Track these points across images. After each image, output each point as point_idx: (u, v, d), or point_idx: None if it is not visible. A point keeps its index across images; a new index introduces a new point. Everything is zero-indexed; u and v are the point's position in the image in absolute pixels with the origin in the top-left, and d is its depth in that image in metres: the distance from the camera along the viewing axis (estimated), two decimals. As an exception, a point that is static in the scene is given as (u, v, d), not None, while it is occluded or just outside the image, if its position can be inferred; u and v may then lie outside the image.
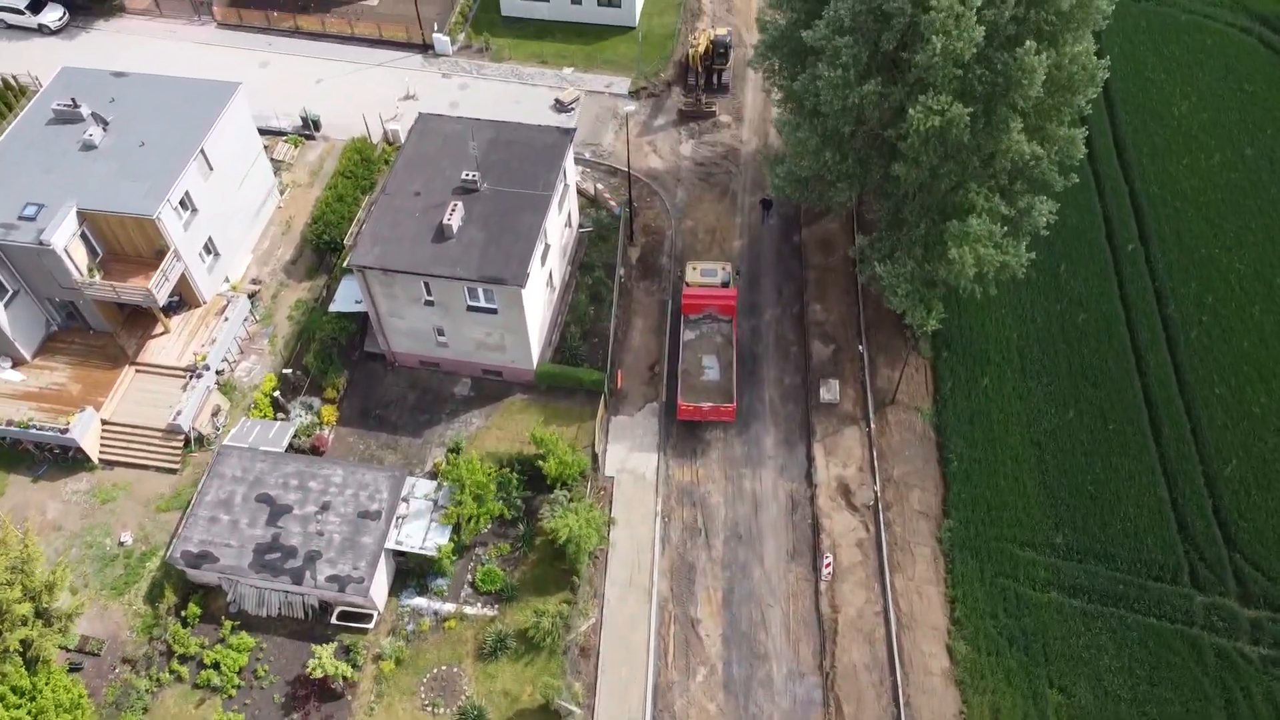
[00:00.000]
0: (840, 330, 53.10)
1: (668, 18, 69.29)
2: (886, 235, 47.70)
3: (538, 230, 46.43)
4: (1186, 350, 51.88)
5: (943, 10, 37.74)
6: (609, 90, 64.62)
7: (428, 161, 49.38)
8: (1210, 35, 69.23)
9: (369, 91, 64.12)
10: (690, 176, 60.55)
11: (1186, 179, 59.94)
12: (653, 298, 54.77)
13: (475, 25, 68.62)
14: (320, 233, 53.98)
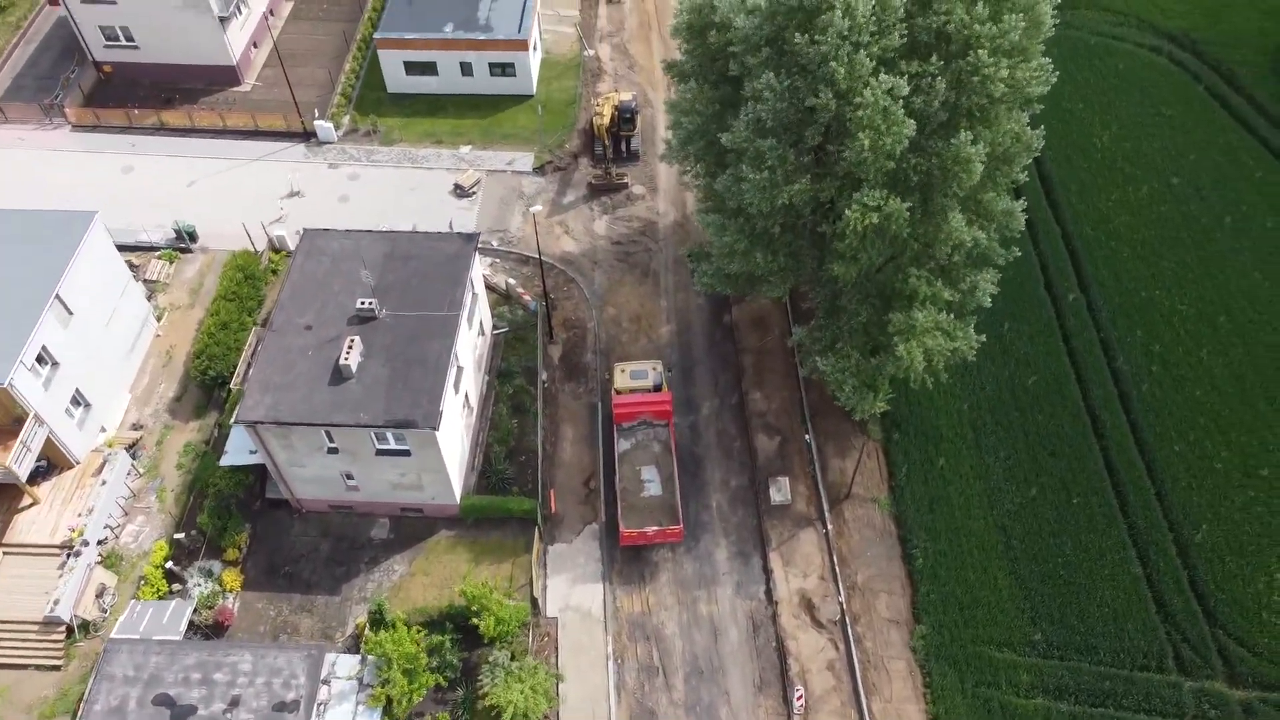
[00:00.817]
0: (784, 419, 49.68)
1: (567, 81, 65.17)
2: (826, 324, 44.39)
3: (447, 358, 41.93)
4: (1141, 406, 49.74)
5: (868, 106, 34.43)
6: (511, 168, 60.25)
7: (317, 286, 44.45)
8: (1121, 58, 67.87)
9: (249, 191, 58.63)
10: (608, 258, 56.56)
11: (1117, 215, 58.14)
12: (580, 401, 50.62)
13: (360, 106, 63.56)
14: (204, 368, 48.53)
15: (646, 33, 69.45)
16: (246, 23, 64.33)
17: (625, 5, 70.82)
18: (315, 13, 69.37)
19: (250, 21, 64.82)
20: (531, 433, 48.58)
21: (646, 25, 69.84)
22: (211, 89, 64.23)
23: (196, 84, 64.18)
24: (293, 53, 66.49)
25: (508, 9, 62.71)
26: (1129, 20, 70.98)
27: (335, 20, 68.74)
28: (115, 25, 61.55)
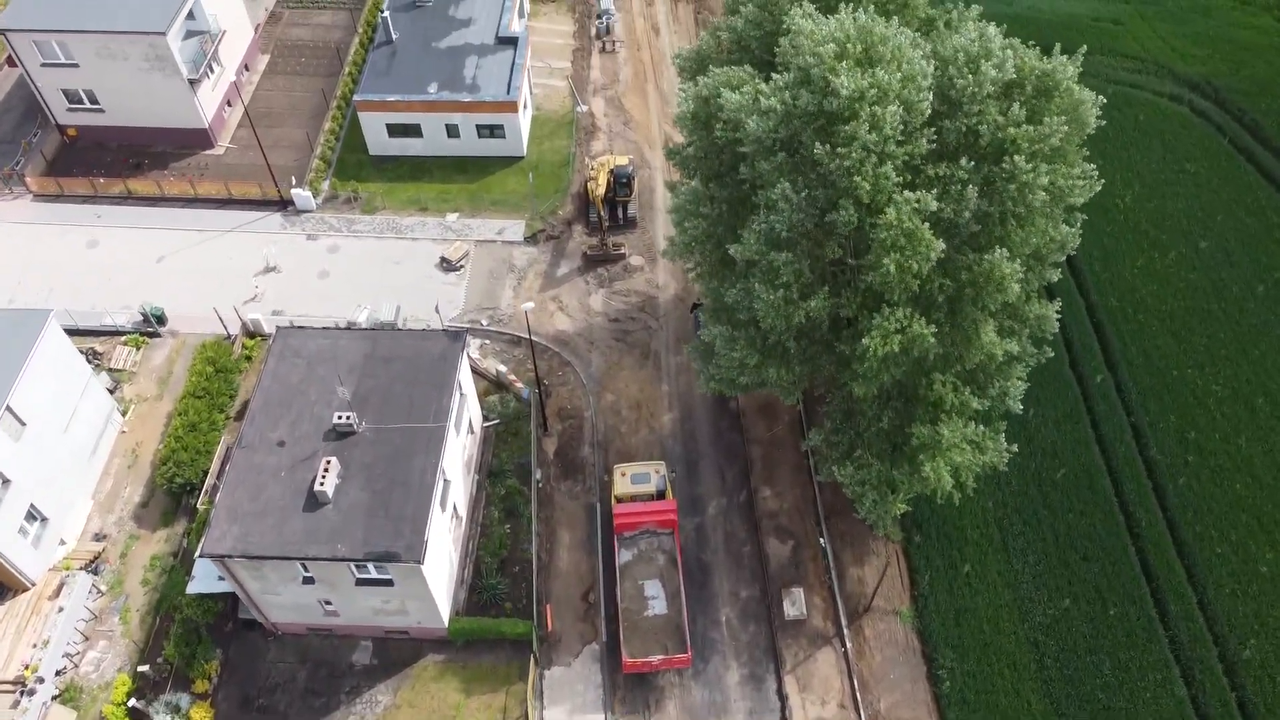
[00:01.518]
0: (797, 520, 46.29)
1: (559, 141, 61.70)
2: (842, 427, 40.96)
3: (433, 476, 38.46)
4: (1177, 502, 46.45)
5: (892, 227, 31.05)
6: (501, 238, 56.76)
7: (291, 395, 40.92)
8: (1140, 108, 64.69)
9: (222, 266, 55.05)
10: (604, 337, 53.11)
11: (1144, 284, 54.88)
12: (578, 502, 47.15)
13: (340, 170, 60.00)
14: (171, 475, 44.94)
15: (642, 84, 66.05)
16: (219, 82, 60.73)
17: (619, 56, 67.41)
18: (292, 67, 65.78)
19: (223, 80, 61.23)
20: (525, 539, 45.11)
21: (642, 76, 66.44)
22: (182, 153, 60.61)
23: (166, 147, 60.59)
24: (269, 111, 62.95)
25: (495, 67, 59.26)
26: (1146, 66, 67.84)
27: (313, 75, 65.17)
28: (79, 88, 57.92)
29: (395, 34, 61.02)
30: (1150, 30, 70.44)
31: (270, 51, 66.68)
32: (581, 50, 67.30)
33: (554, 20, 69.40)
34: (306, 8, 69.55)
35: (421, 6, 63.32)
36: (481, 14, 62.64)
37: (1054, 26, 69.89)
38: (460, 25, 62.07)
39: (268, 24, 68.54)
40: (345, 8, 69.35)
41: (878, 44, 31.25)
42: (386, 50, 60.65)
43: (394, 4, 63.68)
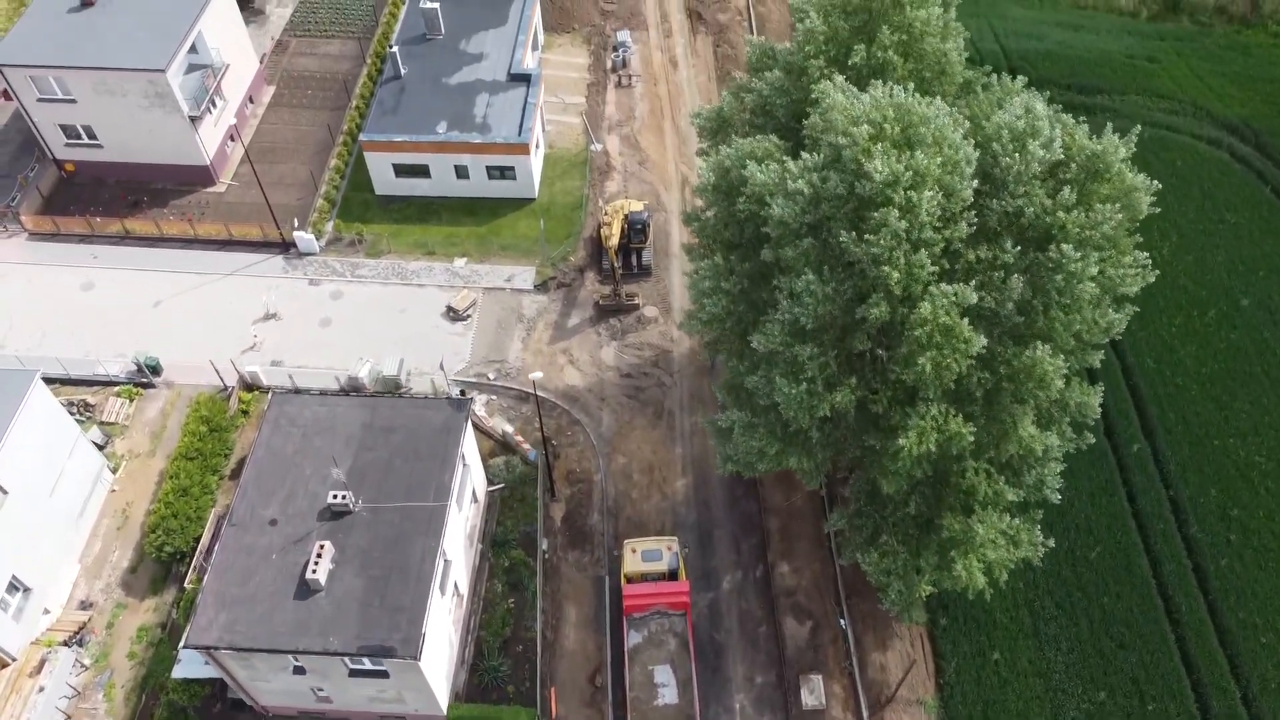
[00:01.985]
0: (815, 599, 43.96)
1: (572, 181, 59.51)
2: (867, 510, 38.56)
3: (433, 562, 36.30)
4: (1219, 585, 43.95)
5: (928, 322, 28.73)
6: (511, 285, 54.59)
7: (286, 468, 38.83)
8: (1178, 153, 62.10)
9: (221, 312, 53.06)
10: (616, 393, 50.88)
11: (1183, 344, 52.34)
12: (585, 574, 44.94)
13: (345, 210, 57.93)
14: (160, 545, 42.92)
15: (659, 121, 63.80)
16: (222, 116, 58.76)
17: (636, 91, 65.16)
18: (299, 99, 63.77)
19: (226, 114, 59.26)
20: (530, 616, 42.92)
21: (659, 113, 64.18)
22: (183, 190, 58.66)
23: (167, 184, 58.66)
24: (273, 146, 60.96)
25: (507, 107, 57.12)
26: (1183, 106, 65.22)
27: (320, 108, 63.14)
28: (76, 124, 56.02)
29: (404, 69, 58.95)
30: (1187, 69, 67.82)
31: (276, 82, 64.71)
32: (596, 84, 65.10)
33: (568, 52, 67.22)
34: (314, 37, 67.57)
35: (432, 40, 61.25)
36: (493, 49, 60.53)
37: (1086, 63, 67.53)
38: (471, 60, 59.97)
39: (274, 53, 66.59)
40: (354, 37, 67.35)
41: (917, 125, 28.93)
42: (394, 86, 58.59)
43: (403, 37, 61.68)
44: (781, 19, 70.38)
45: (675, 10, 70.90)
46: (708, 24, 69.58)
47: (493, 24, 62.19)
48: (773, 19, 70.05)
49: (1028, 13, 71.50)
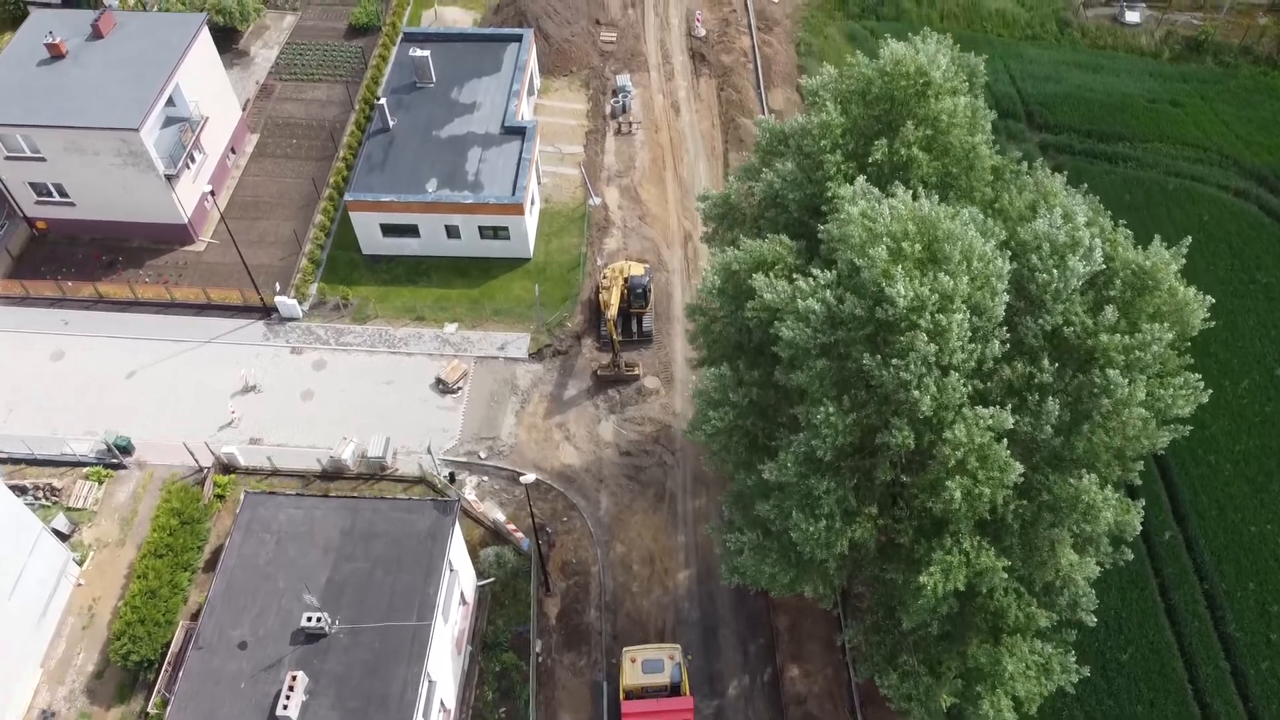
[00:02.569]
0: (828, 708, 41.07)
1: (569, 238, 56.66)
2: (885, 625, 35.68)
3: (415, 691, 33.45)
4: (1260, 691, 41.11)
5: (961, 446, 25.89)
6: (504, 354, 51.72)
7: (258, 580, 35.98)
8: (1204, 206, 59.28)
9: (197, 384, 50.21)
10: (615, 473, 48.03)
11: (1215, 419, 49.37)
12: (581, 679, 42.07)
13: (331, 270, 55.06)
14: (126, 653, 40.03)
15: (660, 172, 60.95)
16: (201, 170, 55.92)
17: (636, 138, 62.30)
18: (284, 148, 60.91)
19: (206, 167, 56.43)
20: (522, 727, 40.14)
21: (660, 163, 61.32)
22: (160, 248, 55.84)
23: (143, 242, 55.85)
24: (256, 200, 58.15)
25: (501, 162, 54.30)
26: (1209, 155, 62.37)
27: (305, 158, 60.28)
28: (47, 181, 53.20)
29: (392, 120, 56.11)
30: (1212, 114, 64.94)
31: (260, 130, 61.86)
32: (595, 132, 62.21)
33: (566, 97, 64.37)
34: (300, 80, 64.71)
35: (422, 88, 58.43)
36: (487, 98, 57.69)
37: (1107, 109, 64.69)
38: (464, 111, 57.13)
39: (258, 98, 63.75)
40: (341, 80, 64.51)
41: (942, 241, 26.06)
42: (382, 139, 55.76)
43: (392, 85, 58.87)
44: (788, 60, 67.55)
45: (677, 51, 68.08)
46: (711, 66, 66.73)
47: (486, 71, 59.38)
48: (779, 60, 67.21)
49: (1045, 53, 68.64)
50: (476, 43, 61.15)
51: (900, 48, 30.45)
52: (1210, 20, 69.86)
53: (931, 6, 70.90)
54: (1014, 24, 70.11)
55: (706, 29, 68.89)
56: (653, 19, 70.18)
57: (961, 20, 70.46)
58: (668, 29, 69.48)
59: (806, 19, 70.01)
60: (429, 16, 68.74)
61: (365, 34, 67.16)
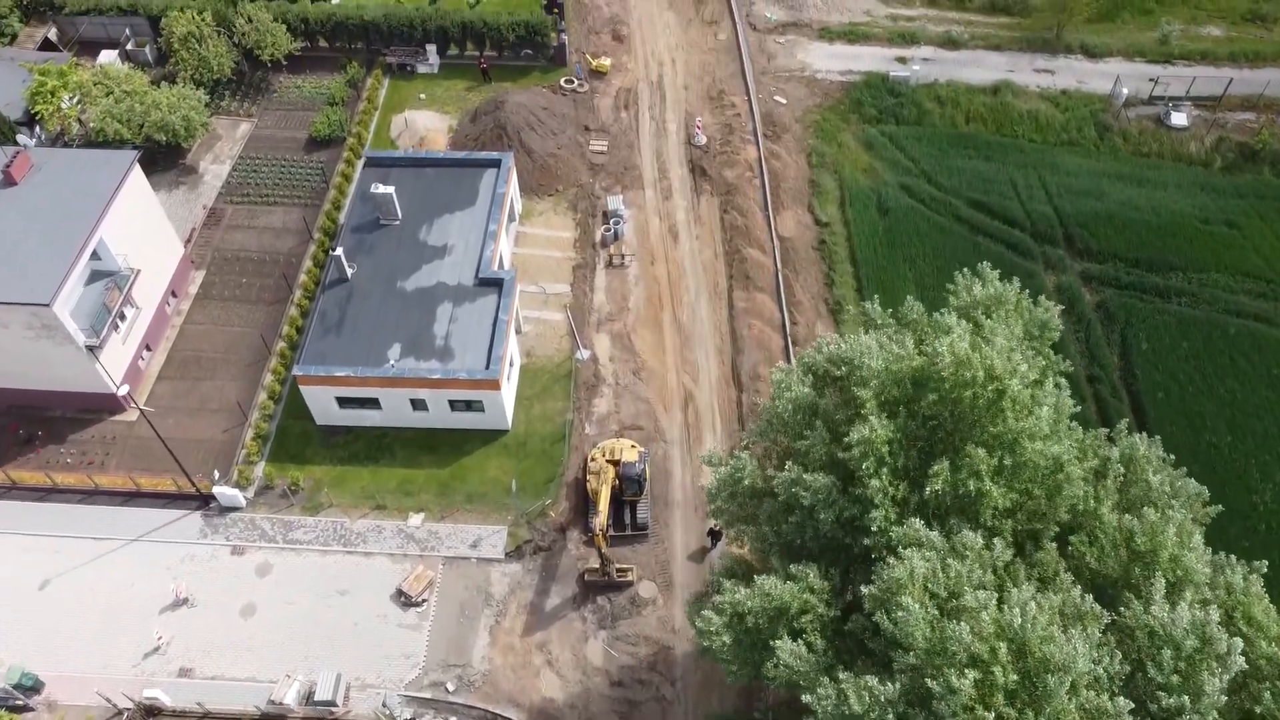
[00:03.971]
0: None
1: (553, 402, 49.81)
2: None
3: None
4: None
5: None
6: (477, 553, 44.89)
7: None
8: (1272, 353, 52.41)
9: (120, 596, 43.38)
10: (604, 708, 41.16)
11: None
12: None
13: (280, 445, 48.15)
14: None
15: (656, 313, 54.05)
16: (133, 330, 49.09)
17: (630, 272, 55.42)
18: (232, 289, 54.01)
19: (140, 323, 49.59)
20: None
21: (657, 302, 54.43)
22: (86, 418, 48.97)
23: (66, 411, 49.02)
24: (197, 356, 51.28)
25: (474, 324, 47.50)
26: (1274, 289, 55.48)
27: (256, 301, 53.40)
28: (-47, 351, 46.45)
29: (350, 270, 49.29)
30: (1273, 236, 58.10)
31: (207, 265, 54.96)
32: (584, 266, 55.32)
33: (551, 222, 57.51)
34: (253, 203, 57.80)
35: (387, 226, 51.63)
36: (460, 239, 50.87)
37: (1155, 231, 57.93)
38: (433, 255, 50.29)
39: (206, 225, 56.83)
40: (299, 203, 57.63)
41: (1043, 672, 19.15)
42: (339, 293, 48.92)
43: (353, 221, 52.02)
44: (799, 174, 60.71)
45: (675, 163, 61.21)
46: (713, 182, 59.83)
47: (459, 203, 52.54)
48: (788, 175, 60.34)
49: (1083, 162, 61.76)
50: (449, 168, 54.31)
51: (963, 347, 23.58)
52: (1268, 123, 63.08)
53: (956, 108, 64.01)
54: (1048, 128, 63.22)
55: (707, 136, 62.05)
56: (648, 124, 63.34)
57: (989, 123, 63.57)
58: (664, 136, 62.63)
59: (818, 123, 63.10)
60: (399, 124, 61.88)
61: (328, 146, 60.31)
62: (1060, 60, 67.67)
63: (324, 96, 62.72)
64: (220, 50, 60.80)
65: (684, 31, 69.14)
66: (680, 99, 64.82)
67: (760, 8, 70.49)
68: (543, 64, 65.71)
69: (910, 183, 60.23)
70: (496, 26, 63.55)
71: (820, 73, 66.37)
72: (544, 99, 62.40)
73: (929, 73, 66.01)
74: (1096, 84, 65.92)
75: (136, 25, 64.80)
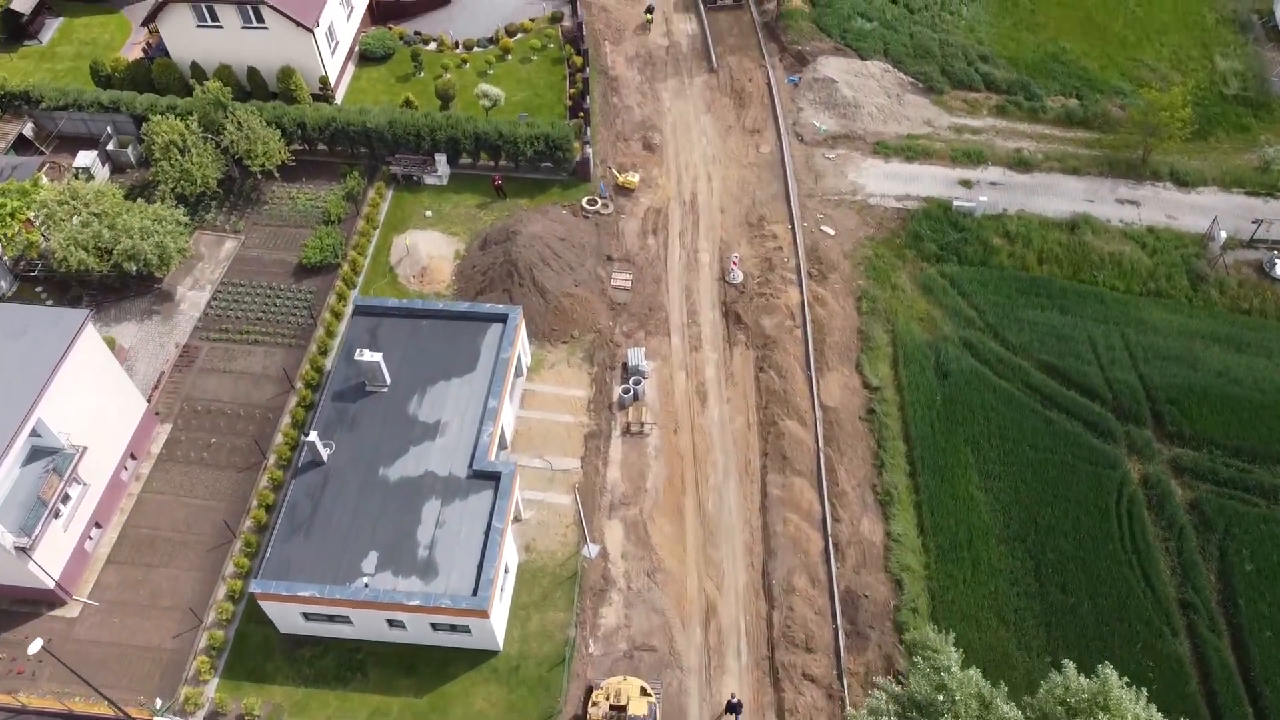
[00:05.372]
0: None
1: (553, 612, 43.05)
2: None
3: None
4: None
5: None
6: (454, 816, 38.36)
7: None
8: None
9: None
10: None
11: None
12: None
13: (238, 655, 41.76)
14: None
15: (678, 497, 47.13)
16: (79, 510, 43.01)
17: (649, 443, 48.56)
18: (199, 450, 47.72)
19: (88, 501, 43.53)
20: None
21: (678, 482, 47.50)
22: (23, 612, 42.91)
23: (1, 604, 43.09)
24: (154, 536, 45.12)
25: (464, 529, 40.97)
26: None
27: (225, 466, 47.09)
28: None
29: (325, 453, 42.90)
30: (1403, 423, 50.14)
31: (174, 419, 48.84)
32: (597, 435, 48.50)
33: (563, 377, 50.77)
34: (231, 340, 51.58)
35: (373, 394, 45.23)
36: (455, 415, 44.34)
37: (1259, 411, 50.32)
38: (423, 435, 43.79)
39: (177, 366, 50.70)
40: (282, 343, 51.37)
41: None
42: (312, 479, 42.54)
43: (337, 385, 45.65)
44: (846, 324, 53.49)
45: (707, 303, 54.27)
46: (749, 331, 52.79)
47: (458, 368, 46.04)
48: (835, 325, 53.17)
49: (1173, 318, 54.05)
50: (448, 322, 47.77)
51: None
52: (1391, 279, 55.03)
53: (1027, 246, 56.41)
54: (1133, 274, 55.47)
55: (744, 272, 55.07)
56: (677, 253, 56.44)
57: (1065, 265, 55.95)
58: (696, 269, 55.71)
59: (870, 260, 55.83)
60: (399, 248, 55.45)
61: (319, 273, 54.07)
62: (1146, 189, 59.92)
63: (319, 211, 56.48)
64: (205, 161, 54.69)
65: (723, 140, 62.16)
66: (715, 223, 57.87)
67: (809, 115, 63.31)
68: (564, 178, 59.08)
69: (973, 338, 52.86)
70: (513, 139, 56.91)
71: (874, 197, 59.09)
72: (562, 225, 55.73)
73: (997, 200, 58.56)
74: (1188, 220, 58.17)
75: (120, 123, 58.98)
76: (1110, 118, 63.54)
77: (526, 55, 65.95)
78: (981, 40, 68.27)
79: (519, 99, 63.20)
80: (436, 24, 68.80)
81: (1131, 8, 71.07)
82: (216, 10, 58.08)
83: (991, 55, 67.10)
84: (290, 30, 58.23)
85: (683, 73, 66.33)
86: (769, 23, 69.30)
